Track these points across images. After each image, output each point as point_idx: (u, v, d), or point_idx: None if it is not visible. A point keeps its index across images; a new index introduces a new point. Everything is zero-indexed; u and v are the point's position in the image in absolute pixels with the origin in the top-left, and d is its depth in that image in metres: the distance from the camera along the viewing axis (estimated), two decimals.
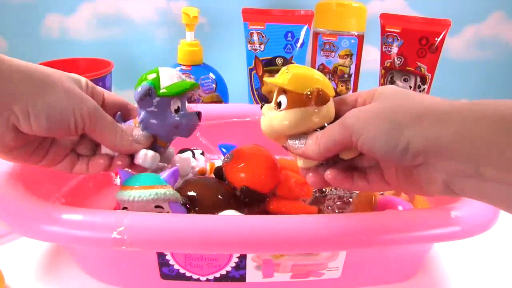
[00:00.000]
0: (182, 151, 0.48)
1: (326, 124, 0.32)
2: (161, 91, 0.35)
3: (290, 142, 0.32)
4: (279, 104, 0.33)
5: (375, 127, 0.28)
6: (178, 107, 0.36)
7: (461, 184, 0.26)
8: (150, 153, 0.36)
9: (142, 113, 0.36)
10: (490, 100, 0.25)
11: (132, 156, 0.36)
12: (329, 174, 0.32)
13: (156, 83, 0.35)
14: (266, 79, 0.34)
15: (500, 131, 0.24)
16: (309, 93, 0.31)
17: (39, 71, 0.31)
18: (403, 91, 0.30)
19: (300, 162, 0.33)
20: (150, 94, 0.35)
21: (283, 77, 0.33)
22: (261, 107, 0.35)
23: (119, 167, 0.36)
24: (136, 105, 0.37)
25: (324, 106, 0.32)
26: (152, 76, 0.36)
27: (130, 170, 0.37)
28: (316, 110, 0.32)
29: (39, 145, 0.33)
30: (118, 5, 0.78)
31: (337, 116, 0.31)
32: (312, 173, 0.33)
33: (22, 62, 0.30)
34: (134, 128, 0.36)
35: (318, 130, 0.32)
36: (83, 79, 0.35)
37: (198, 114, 0.38)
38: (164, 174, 0.36)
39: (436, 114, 0.26)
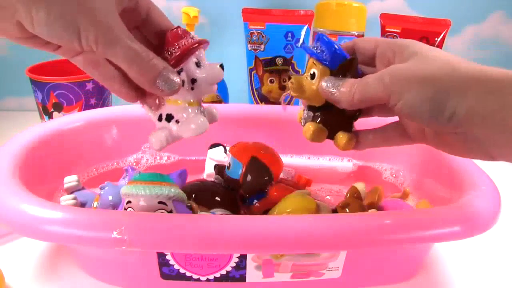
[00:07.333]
0: (213, 146, 0.49)
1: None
2: None
3: (324, 84, 0.32)
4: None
5: (417, 93, 0.27)
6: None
7: (500, 150, 0.27)
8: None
9: None
10: None
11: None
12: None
13: None
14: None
15: None
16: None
17: None
18: (438, 51, 0.29)
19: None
20: None
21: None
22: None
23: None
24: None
25: None
26: None
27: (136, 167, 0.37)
28: None
29: None
30: None
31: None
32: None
33: None
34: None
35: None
36: None
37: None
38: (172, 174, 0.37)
39: (483, 83, 0.26)
